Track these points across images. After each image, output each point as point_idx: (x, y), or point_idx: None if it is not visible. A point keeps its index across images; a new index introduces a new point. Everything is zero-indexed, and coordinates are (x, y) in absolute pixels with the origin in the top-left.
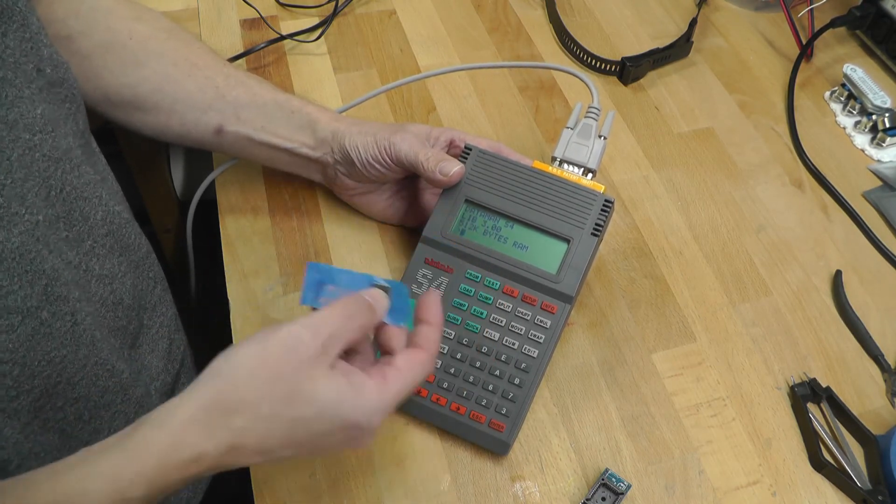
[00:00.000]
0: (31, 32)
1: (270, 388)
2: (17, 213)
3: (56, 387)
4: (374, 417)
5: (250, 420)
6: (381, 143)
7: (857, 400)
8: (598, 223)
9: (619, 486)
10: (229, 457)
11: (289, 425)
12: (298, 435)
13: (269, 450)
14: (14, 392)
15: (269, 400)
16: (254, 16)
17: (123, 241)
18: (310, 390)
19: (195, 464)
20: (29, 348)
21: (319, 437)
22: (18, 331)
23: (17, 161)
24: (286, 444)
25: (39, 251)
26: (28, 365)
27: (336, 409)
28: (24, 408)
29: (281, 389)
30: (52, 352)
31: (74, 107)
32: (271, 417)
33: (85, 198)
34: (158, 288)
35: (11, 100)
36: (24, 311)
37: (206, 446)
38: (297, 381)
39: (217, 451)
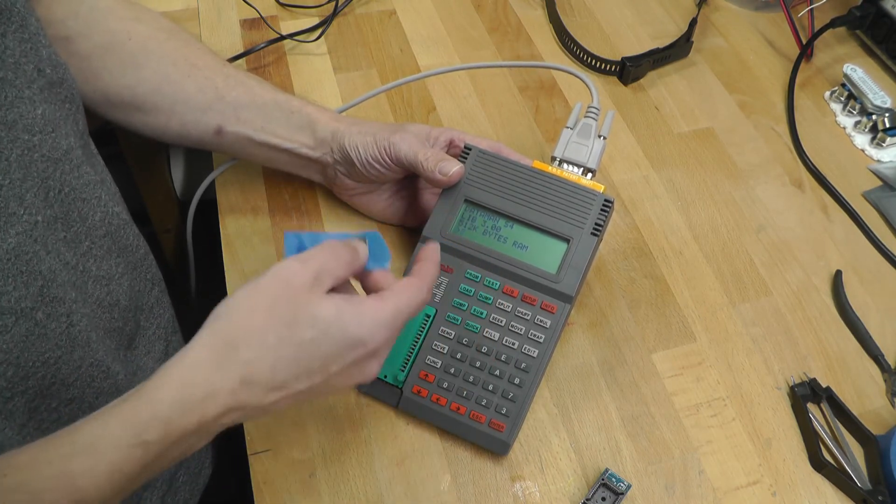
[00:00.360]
0: (30, 33)
1: (272, 317)
2: (14, 214)
3: (51, 388)
4: (377, 332)
5: (257, 349)
6: (381, 143)
7: (857, 400)
8: (597, 223)
9: (619, 486)
10: (243, 393)
11: (295, 349)
12: (307, 359)
13: (283, 382)
14: (9, 393)
15: (272, 327)
16: (254, 16)
17: (121, 242)
18: (310, 311)
19: (210, 401)
20: (23, 349)
21: (328, 360)
22: (12, 331)
23: (15, 161)
24: (297, 372)
25: (37, 252)
26: (22, 366)
27: (339, 324)
28: (20, 409)
29: (282, 316)
30: (46, 353)
31: (74, 107)
32: (277, 344)
33: (84, 199)
34: (156, 290)
35: (11, 100)
36: (19, 312)
37: (218, 382)
38: (296, 306)
39: (229, 385)
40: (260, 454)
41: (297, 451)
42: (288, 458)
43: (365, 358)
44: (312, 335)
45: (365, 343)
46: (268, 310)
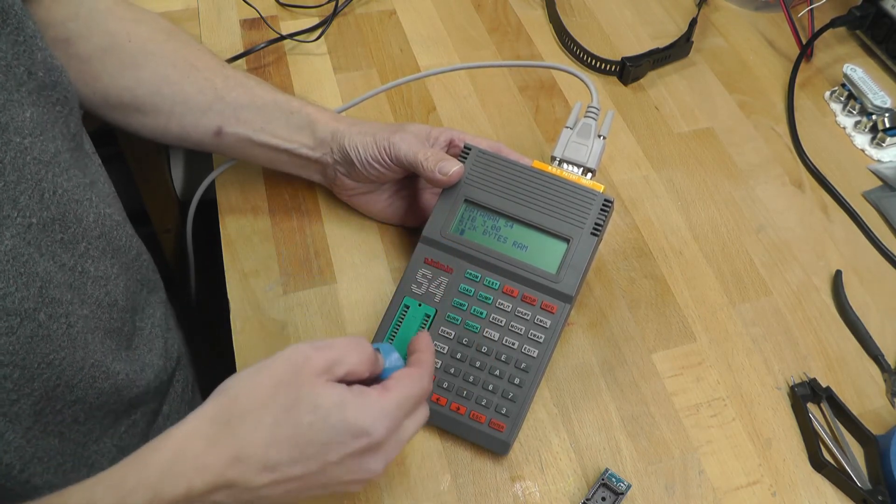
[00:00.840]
0: (26, 36)
1: (273, 398)
2: (8, 216)
3: (55, 389)
4: (380, 423)
5: (253, 427)
6: (381, 143)
7: (857, 400)
8: (597, 223)
9: (619, 486)
10: (234, 470)
11: (292, 431)
12: (304, 443)
13: (276, 464)
14: (15, 395)
15: (271, 408)
16: (254, 16)
17: (115, 243)
18: (312, 397)
19: (199, 474)
20: (28, 350)
21: (326, 447)
22: (18, 333)
23: (9, 164)
24: (292, 455)
25: (31, 254)
26: (28, 367)
27: (340, 413)
28: (25, 411)
29: (284, 398)
30: (50, 354)
31: (67, 110)
32: (274, 424)
33: (77, 200)
34: (145, 290)
35: (2, 103)
36: (23, 314)
37: (210, 455)
38: (299, 390)
39: (221, 460)
40: None
41: None
42: None
43: (366, 451)
44: (311, 420)
45: (367, 433)
46: (271, 390)
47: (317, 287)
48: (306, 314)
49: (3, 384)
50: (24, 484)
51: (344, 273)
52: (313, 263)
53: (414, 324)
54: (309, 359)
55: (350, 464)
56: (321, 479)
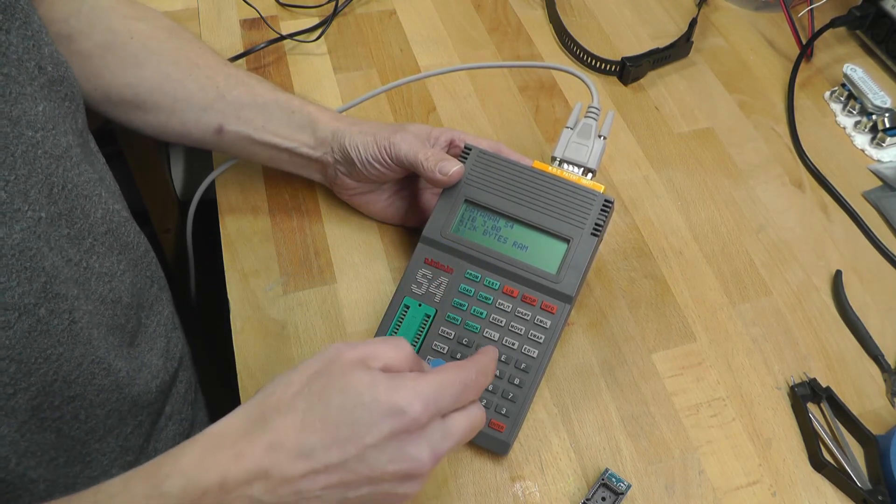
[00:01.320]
0: (33, 30)
1: (306, 385)
2: (19, 210)
3: (53, 385)
4: (415, 401)
5: (285, 415)
6: (381, 143)
7: (857, 400)
8: (597, 223)
9: (619, 486)
10: (269, 458)
11: (324, 414)
12: (337, 426)
13: (310, 449)
14: (11, 389)
15: (304, 395)
16: (254, 16)
17: (122, 239)
18: (344, 380)
19: (234, 462)
20: (26, 345)
21: (360, 428)
22: (15, 327)
23: (20, 157)
24: (327, 440)
25: (40, 248)
26: (25, 362)
27: (371, 391)
28: (22, 406)
29: (316, 385)
30: (48, 349)
31: (74, 105)
32: (307, 409)
33: (85, 196)
34: (155, 287)
35: (15, 96)
36: (22, 308)
37: (245, 444)
38: (330, 376)
39: (255, 449)
40: None
41: None
42: None
43: (404, 432)
44: (342, 400)
45: (402, 411)
46: (304, 380)
47: (317, 287)
48: (306, 314)
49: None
50: (21, 476)
51: (344, 273)
52: (313, 263)
53: (414, 324)
54: (342, 352)
55: (389, 448)
56: (362, 471)
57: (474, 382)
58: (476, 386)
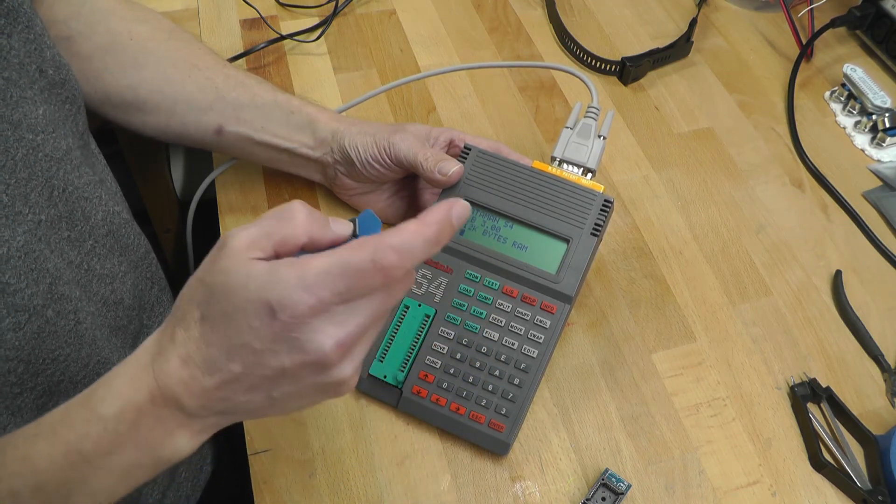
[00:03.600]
0: (35, 34)
1: (197, 291)
2: (20, 213)
3: (59, 385)
4: (291, 294)
5: (186, 326)
6: (381, 143)
7: (857, 400)
8: (597, 223)
9: (619, 486)
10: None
11: (213, 323)
12: (226, 334)
13: (213, 361)
14: (18, 389)
15: (197, 302)
16: (254, 16)
17: (123, 241)
18: (224, 281)
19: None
20: (34, 346)
21: (246, 336)
22: (25, 328)
23: (21, 160)
24: (222, 351)
25: (42, 250)
26: (33, 363)
27: (245, 291)
28: (28, 405)
29: (204, 289)
30: (55, 350)
31: (75, 108)
32: (201, 319)
33: (86, 198)
34: (156, 288)
35: (16, 100)
36: (31, 310)
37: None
38: (215, 276)
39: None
40: (260, 454)
41: (297, 451)
42: (288, 458)
43: (287, 328)
44: (224, 306)
45: (270, 306)
46: (196, 284)
47: None
48: None
49: (7, 378)
50: None
51: None
52: None
53: (414, 324)
54: (230, 240)
55: (280, 346)
56: (267, 374)
57: (375, 270)
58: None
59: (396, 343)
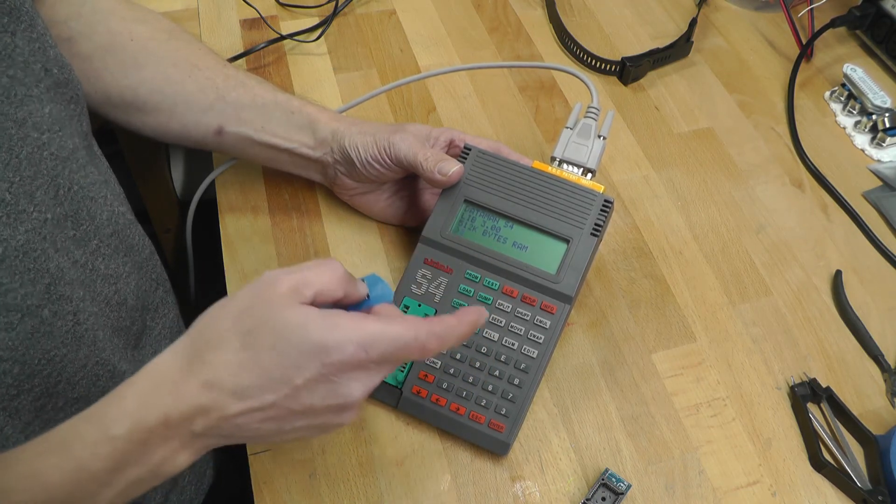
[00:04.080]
0: (38, 33)
1: (239, 321)
2: (24, 211)
3: (56, 386)
4: (345, 344)
5: (221, 352)
6: (381, 143)
7: (857, 400)
8: (597, 223)
9: (619, 486)
10: (207, 396)
11: (256, 354)
12: (269, 366)
13: (246, 390)
14: (14, 390)
15: (237, 332)
16: (254, 16)
17: (127, 241)
18: (277, 317)
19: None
20: (29, 346)
21: (290, 369)
22: (18, 329)
23: (26, 159)
24: (260, 380)
25: (45, 250)
26: (28, 363)
27: (302, 330)
28: (25, 407)
29: (249, 321)
30: (52, 350)
31: (79, 108)
32: (240, 348)
33: (91, 198)
34: (160, 289)
35: (21, 98)
36: (24, 310)
37: (182, 381)
38: (264, 311)
39: (193, 386)
40: (260, 454)
41: (297, 451)
42: (288, 458)
43: (333, 373)
44: (273, 340)
45: (327, 350)
46: (238, 314)
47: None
48: None
49: (2, 379)
50: None
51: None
52: None
53: None
54: (274, 282)
55: (320, 388)
56: (295, 408)
57: (416, 348)
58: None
59: None
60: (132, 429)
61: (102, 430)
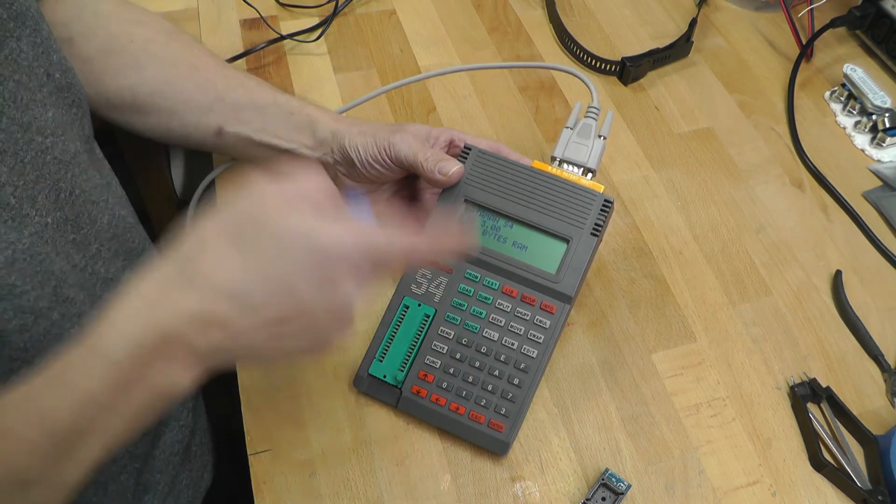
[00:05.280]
0: (42, 37)
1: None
2: (27, 215)
3: None
4: (348, 250)
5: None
6: (381, 144)
7: (857, 400)
8: (597, 223)
9: (619, 486)
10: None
11: (255, 255)
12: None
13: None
14: None
15: (233, 240)
16: (254, 16)
17: (128, 245)
18: (276, 220)
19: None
20: (39, 349)
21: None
22: (31, 331)
23: (29, 163)
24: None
25: (48, 253)
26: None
27: (305, 234)
28: None
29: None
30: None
31: (81, 112)
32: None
33: (92, 201)
34: None
35: (26, 103)
36: (37, 312)
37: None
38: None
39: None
40: (260, 454)
41: (297, 451)
42: (288, 458)
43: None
44: (275, 241)
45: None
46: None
47: None
48: None
49: (11, 380)
50: None
51: None
52: None
53: (413, 324)
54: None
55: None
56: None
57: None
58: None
59: (396, 343)
60: (132, 350)
61: (102, 357)
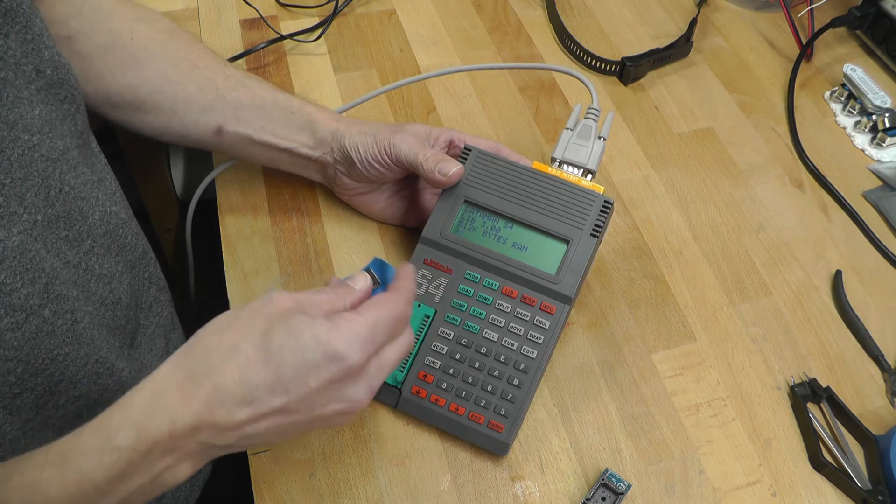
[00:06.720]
0: (34, 34)
1: (246, 330)
2: (15, 213)
3: (58, 385)
4: (354, 345)
5: (227, 358)
6: (381, 143)
7: (857, 400)
8: (597, 224)
9: (619, 486)
10: (214, 401)
11: (266, 359)
12: (280, 370)
13: (254, 391)
14: (17, 389)
15: (245, 339)
16: (254, 16)
17: (120, 241)
18: (286, 324)
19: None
20: (33, 346)
21: (304, 372)
22: (23, 328)
23: (16, 161)
24: (271, 383)
25: (38, 250)
26: (31, 363)
27: (313, 334)
28: (27, 405)
29: (256, 328)
30: (54, 350)
31: (74, 108)
32: (248, 353)
33: (83, 198)
34: (154, 288)
35: (12, 100)
36: (28, 310)
37: (188, 390)
38: (272, 319)
39: (200, 394)
40: (260, 454)
41: (297, 451)
42: (288, 458)
43: (346, 377)
44: (284, 342)
45: (342, 357)
46: (244, 324)
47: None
48: None
49: (6, 378)
50: None
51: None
52: (313, 263)
53: (413, 324)
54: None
55: (331, 391)
56: (305, 411)
57: (403, 313)
58: (405, 316)
59: None
60: (137, 438)
61: (107, 440)
